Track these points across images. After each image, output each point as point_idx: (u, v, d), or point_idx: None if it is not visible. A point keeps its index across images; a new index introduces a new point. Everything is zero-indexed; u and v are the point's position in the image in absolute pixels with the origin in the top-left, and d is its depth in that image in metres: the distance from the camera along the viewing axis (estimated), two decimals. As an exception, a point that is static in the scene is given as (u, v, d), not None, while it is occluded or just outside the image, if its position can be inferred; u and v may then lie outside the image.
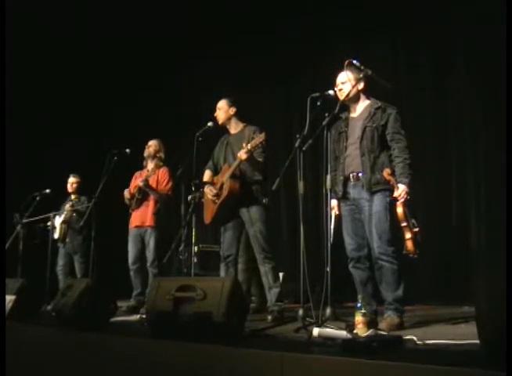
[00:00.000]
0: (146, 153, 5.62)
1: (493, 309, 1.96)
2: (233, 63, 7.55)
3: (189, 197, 4.79)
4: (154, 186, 5.43)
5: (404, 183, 3.47)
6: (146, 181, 5.33)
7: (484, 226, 5.39)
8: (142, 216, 5.44)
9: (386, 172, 3.49)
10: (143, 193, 5.42)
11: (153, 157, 5.58)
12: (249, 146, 4.07)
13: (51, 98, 7.75)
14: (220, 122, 4.51)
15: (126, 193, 5.53)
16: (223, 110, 4.49)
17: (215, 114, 4.52)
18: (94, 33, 7.56)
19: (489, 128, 5.42)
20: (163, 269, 5.36)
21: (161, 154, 5.61)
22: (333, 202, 3.71)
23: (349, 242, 3.68)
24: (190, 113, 7.79)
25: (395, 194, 3.47)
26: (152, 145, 5.61)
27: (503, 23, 4.39)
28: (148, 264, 5.36)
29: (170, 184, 5.42)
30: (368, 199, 3.57)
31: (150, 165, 5.58)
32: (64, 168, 6.70)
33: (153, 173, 5.40)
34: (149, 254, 5.35)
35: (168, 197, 5.45)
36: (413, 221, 3.52)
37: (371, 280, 3.63)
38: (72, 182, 6.51)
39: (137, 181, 5.53)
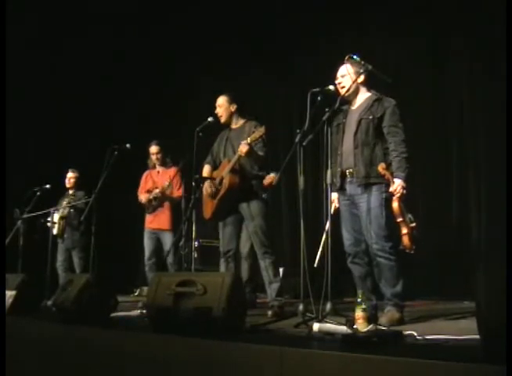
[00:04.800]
0: (157, 162, 5.73)
1: (493, 304, 1.96)
2: (234, 59, 7.53)
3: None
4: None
5: (400, 178, 3.44)
6: (162, 192, 5.48)
7: (484, 222, 5.39)
8: (158, 220, 5.60)
9: (381, 167, 3.45)
10: (159, 199, 5.58)
11: (163, 161, 5.69)
12: (249, 140, 4.07)
13: (51, 93, 7.73)
14: (222, 121, 4.48)
15: (142, 198, 5.68)
16: (224, 107, 4.46)
17: (216, 111, 4.49)
18: (94, 31, 7.57)
19: (490, 126, 5.41)
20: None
21: (169, 155, 5.73)
22: (333, 195, 3.71)
23: (347, 237, 3.67)
24: (190, 108, 7.78)
25: (391, 189, 3.43)
26: (156, 151, 5.71)
27: (504, 21, 4.39)
28: (170, 261, 5.46)
29: (182, 187, 5.47)
30: (363, 194, 3.55)
31: (159, 168, 5.75)
32: (64, 164, 6.69)
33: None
34: (170, 252, 5.45)
35: (181, 199, 5.51)
36: (410, 216, 3.49)
37: (370, 276, 3.62)
38: (70, 177, 6.52)
39: (148, 184, 5.69)
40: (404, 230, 3.45)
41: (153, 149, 5.73)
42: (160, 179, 5.64)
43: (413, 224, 3.49)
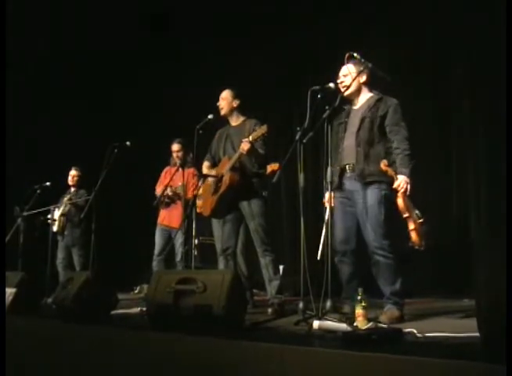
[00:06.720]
0: (177, 160, 5.65)
1: (493, 302, 1.96)
2: (233, 56, 7.52)
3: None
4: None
5: (404, 174, 3.43)
6: (175, 192, 5.51)
7: (484, 219, 5.39)
8: (170, 217, 5.65)
9: (383, 163, 3.44)
10: (170, 198, 5.63)
11: (183, 160, 5.59)
12: (251, 138, 4.06)
13: (52, 90, 7.74)
14: (222, 113, 4.47)
15: (158, 191, 5.67)
16: (227, 101, 4.45)
17: (218, 104, 4.48)
18: (94, 29, 7.57)
19: (490, 126, 5.41)
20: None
21: (190, 154, 5.62)
22: (328, 195, 3.68)
23: (337, 235, 3.62)
24: (191, 105, 7.77)
25: (395, 185, 3.42)
26: (177, 149, 5.68)
27: (504, 21, 4.40)
28: (177, 259, 5.50)
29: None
30: (361, 191, 3.54)
31: (179, 166, 5.66)
32: (64, 161, 6.70)
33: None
34: (179, 250, 5.50)
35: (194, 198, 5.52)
36: (417, 211, 3.48)
37: (356, 277, 3.57)
38: (73, 175, 6.55)
39: (166, 180, 5.64)
40: (411, 226, 3.42)
41: (174, 147, 5.71)
42: (178, 177, 5.51)
43: (421, 220, 3.46)
